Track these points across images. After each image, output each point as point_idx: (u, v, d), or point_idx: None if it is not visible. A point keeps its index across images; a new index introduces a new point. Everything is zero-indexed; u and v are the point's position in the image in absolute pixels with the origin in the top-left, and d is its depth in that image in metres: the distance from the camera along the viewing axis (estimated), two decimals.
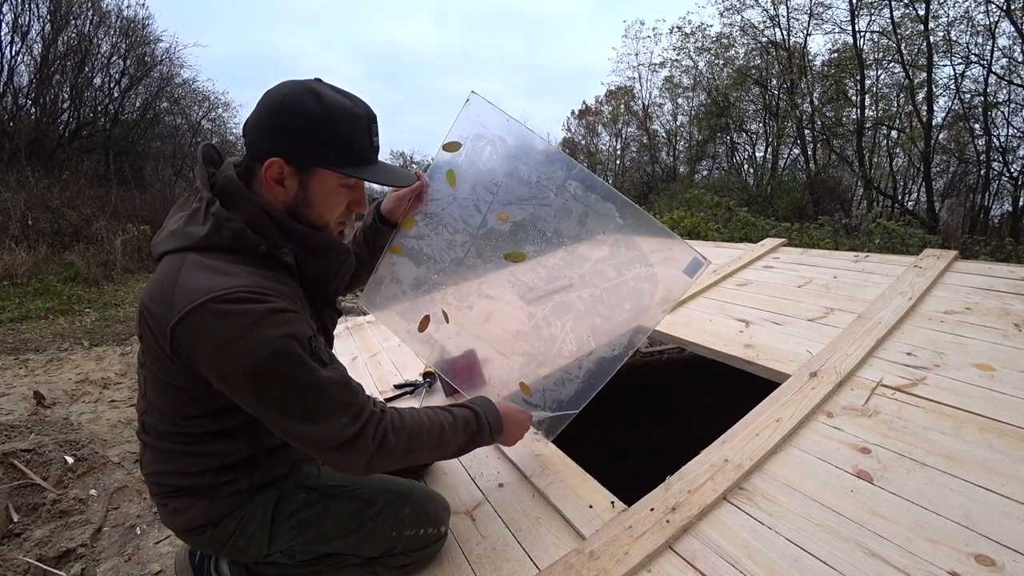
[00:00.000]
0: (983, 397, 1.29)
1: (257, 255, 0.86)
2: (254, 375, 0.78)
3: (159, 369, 0.87)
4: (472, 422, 1.05)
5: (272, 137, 0.86)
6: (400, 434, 0.91)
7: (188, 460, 0.94)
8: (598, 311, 1.25)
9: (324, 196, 0.91)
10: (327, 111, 0.85)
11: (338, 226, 0.99)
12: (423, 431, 0.95)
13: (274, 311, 0.79)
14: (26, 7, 10.20)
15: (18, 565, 1.63)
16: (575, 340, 1.27)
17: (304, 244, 0.93)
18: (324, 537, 1.02)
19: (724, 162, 18.98)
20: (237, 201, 0.87)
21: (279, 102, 0.86)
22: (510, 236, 1.26)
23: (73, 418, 2.73)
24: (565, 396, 1.27)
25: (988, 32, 11.29)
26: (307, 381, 0.81)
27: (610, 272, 1.24)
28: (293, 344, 0.79)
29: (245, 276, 0.81)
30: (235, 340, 0.76)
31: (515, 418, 1.16)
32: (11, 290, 6.07)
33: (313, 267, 0.95)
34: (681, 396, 3.26)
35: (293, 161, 0.87)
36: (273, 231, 0.88)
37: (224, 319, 0.76)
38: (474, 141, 1.26)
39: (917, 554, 0.90)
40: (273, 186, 0.88)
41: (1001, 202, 13.65)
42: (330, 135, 0.86)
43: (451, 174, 1.28)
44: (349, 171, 0.90)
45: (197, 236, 0.84)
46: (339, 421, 0.84)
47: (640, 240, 1.20)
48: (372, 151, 0.93)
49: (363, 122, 0.90)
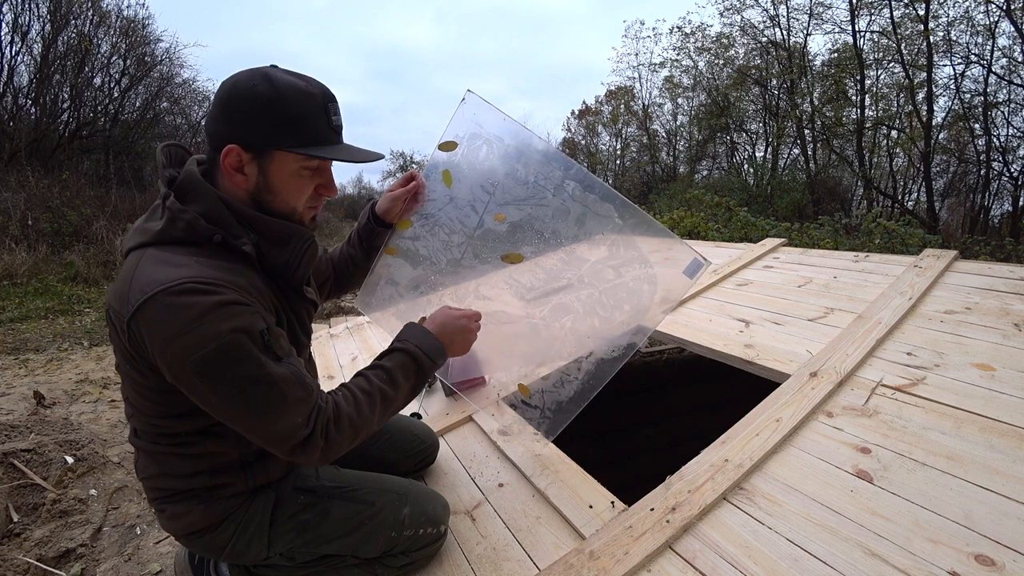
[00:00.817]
0: (983, 397, 1.29)
1: (213, 245, 0.85)
2: (202, 370, 0.76)
3: (130, 369, 0.86)
4: (409, 364, 1.01)
5: (226, 124, 0.85)
6: (340, 424, 0.89)
7: (178, 463, 0.93)
8: (597, 312, 1.25)
9: (285, 180, 0.89)
10: (278, 92, 0.83)
11: (308, 211, 0.96)
12: (362, 407, 0.92)
13: (222, 304, 0.77)
14: (26, 7, 10.21)
15: (18, 565, 1.63)
16: (574, 341, 1.26)
17: (265, 233, 0.90)
18: (324, 538, 1.02)
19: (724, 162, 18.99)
20: (195, 194, 0.86)
21: (230, 89, 0.85)
22: (507, 237, 1.26)
23: (73, 418, 2.73)
24: (564, 397, 1.26)
25: (988, 32, 11.29)
26: (258, 376, 0.79)
27: (609, 273, 1.23)
28: (242, 338, 0.78)
29: (196, 267, 0.79)
30: (182, 334, 0.75)
31: (453, 326, 1.09)
32: (11, 290, 6.07)
33: (276, 256, 0.92)
34: (681, 396, 3.26)
35: (249, 146, 0.85)
36: (230, 220, 0.87)
37: (171, 312, 0.75)
38: (470, 140, 1.25)
39: (917, 554, 0.90)
40: (234, 175, 0.87)
41: (1001, 202, 13.66)
42: (283, 116, 0.84)
43: (447, 174, 1.27)
44: (306, 151, 0.87)
45: (154, 231, 0.84)
46: (293, 420, 0.83)
47: (639, 240, 1.20)
48: (331, 130, 0.90)
49: (317, 101, 0.87)
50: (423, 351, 1.02)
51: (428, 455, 1.41)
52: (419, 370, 1.01)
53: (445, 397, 1.81)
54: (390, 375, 0.98)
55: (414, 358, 1.01)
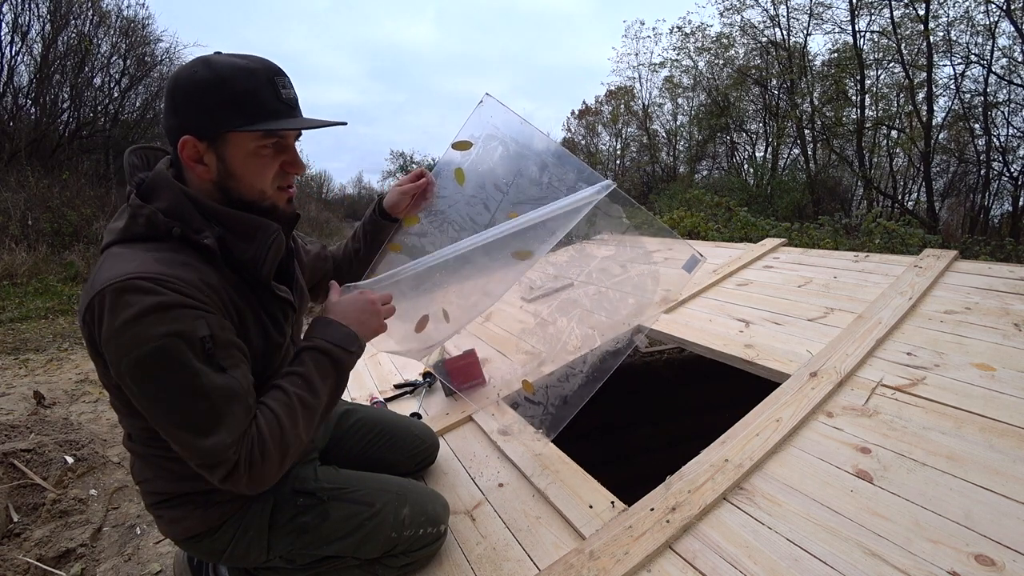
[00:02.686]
0: (983, 397, 1.29)
1: (173, 240, 0.84)
2: (134, 372, 0.75)
3: (102, 372, 0.85)
4: (322, 361, 0.93)
5: (175, 116, 0.84)
6: (266, 448, 0.82)
7: (171, 467, 0.92)
8: (603, 306, 1.28)
9: (244, 162, 0.87)
10: (217, 74, 0.82)
11: (279, 193, 0.93)
12: (284, 426, 0.85)
13: (163, 306, 0.74)
14: (26, 7, 10.20)
15: (18, 565, 1.63)
16: (580, 335, 1.29)
17: (229, 226, 0.88)
18: (324, 540, 1.02)
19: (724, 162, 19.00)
20: (159, 191, 0.86)
21: (173, 81, 0.84)
22: (519, 235, 1.27)
23: (73, 418, 2.73)
24: (568, 391, 1.28)
25: (988, 32, 11.30)
26: (190, 386, 0.76)
27: (615, 269, 1.27)
28: (178, 344, 0.75)
29: (146, 263, 0.78)
30: (120, 333, 0.74)
31: (354, 307, 1.02)
32: (11, 290, 6.07)
33: (242, 251, 0.88)
34: (681, 396, 3.26)
35: (202, 135, 0.84)
36: (191, 214, 0.85)
37: (113, 310, 0.74)
38: (486, 141, 1.28)
39: (917, 554, 0.90)
40: (194, 166, 0.86)
41: (1001, 202, 13.67)
42: (226, 97, 0.82)
43: (460, 172, 1.29)
44: (256, 127, 0.84)
45: (117, 229, 0.85)
46: (223, 440, 0.77)
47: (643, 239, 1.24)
48: (281, 103, 0.87)
49: (260, 76, 0.85)
50: (333, 343, 0.95)
51: (428, 455, 1.40)
52: (336, 364, 0.95)
53: (445, 397, 1.81)
54: (306, 380, 0.91)
55: (326, 353, 0.94)
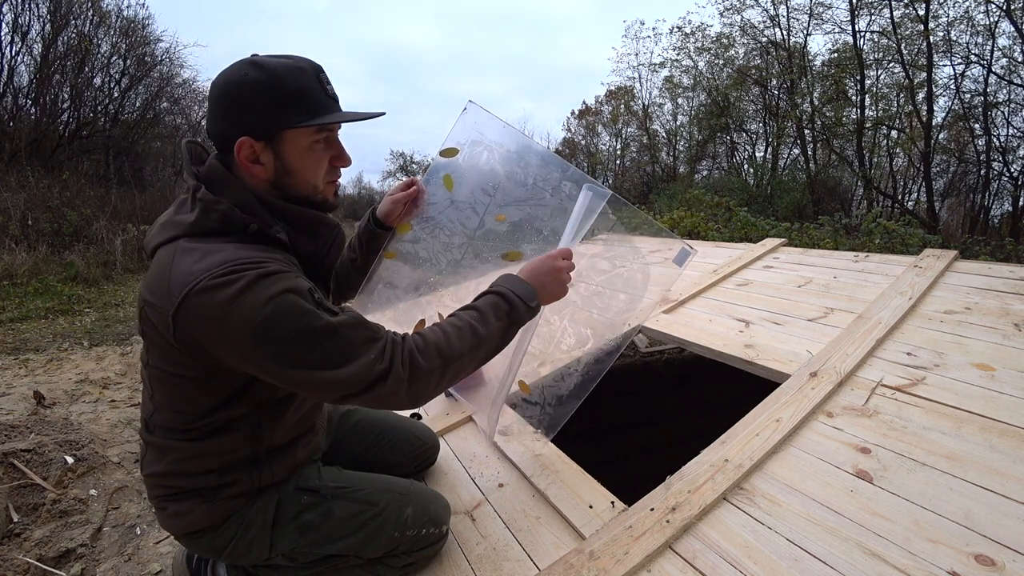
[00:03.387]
0: (983, 397, 1.29)
1: (248, 235, 0.86)
2: (264, 336, 0.77)
3: (166, 363, 0.87)
4: (501, 304, 0.97)
5: (228, 120, 0.86)
6: (427, 352, 0.87)
7: (191, 459, 0.93)
8: (596, 305, 1.29)
9: (301, 158, 0.90)
10: (270, 73, 0.84)
11: (329, 187, 0.98)
12: (451, 339, 0.90)
13: (266, 274, 0.78)
14: (26, 7, 10.22)
15: (18, 565, 1.63)
16: (574, 334, 1.30)
17: (294, 223, 0.92)
18: (327, 539, 1.02)
19: (724, 162, 19.00)
20: (223, 185, 0.87)
21: (222, 85, 0.86)
22: (507, 236, 1.29)
23: (73, 418, 2.73)
24: (564, 391, 1.29)
25: (988, 32, 11.30)
26: (319, 328, 0.79)
27: (605, 265, 1.28)
28: (293, 297, 0.79)
29: (233, 252, 0.80)
30: (235, 309, 0.76)
31: (541, 268, 1.05)
32: (11, 290, 6.07)
33: (306, 245, 0.95)
34: (681, 396, 3.26)
35: (259, 135, 0.86)
36: (262, 211, 0.88)
37: (219, 292, 0.76)
38: (471, 147, 1.29)
39: (917, 554, 0.90)
40: (251, 167, 0.88)
41: (1001, 202, 13.68)
42: (281, 95, 0.85)
43: (448, 179, 1.30)
44: (313, 122, 0.87)
45: (187, 223, 0.85)
46: (366, 359, 0.82)
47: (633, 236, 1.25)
48: (329, 99, 0.91)
49: (309, 74, 0.88)
50: (514, 292, 0.99)
51: (429, 456, 1.41)
52: (511, 311, 0.97)
53: (445, 397, 1.82)
54: (480, 312, 0.96)
55: (504, 298, 0.98)
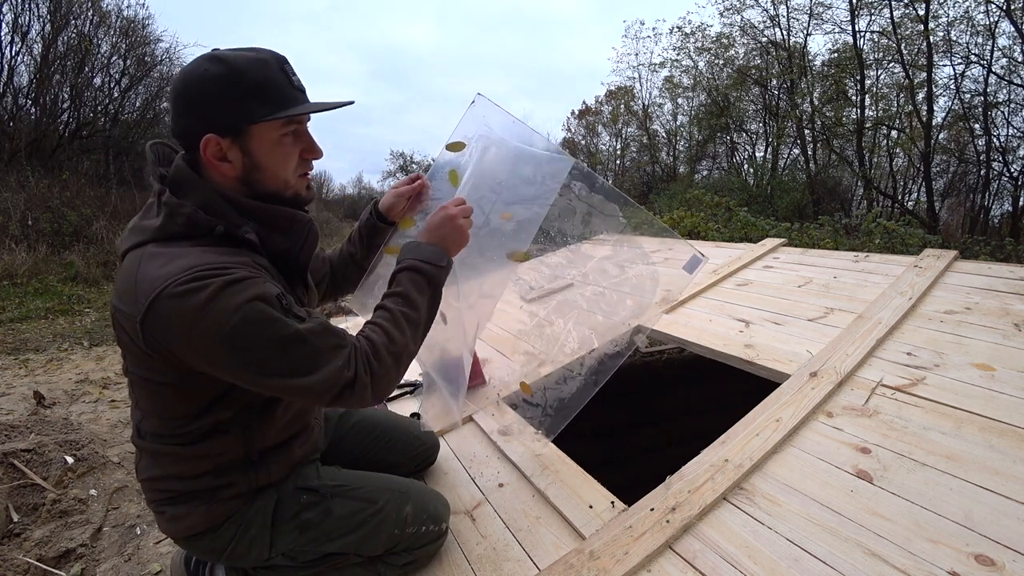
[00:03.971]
0: (983, 397, 1.29)
1: (215, 237, 0.85)
2: (232, 344, 0.77)
3: (142, 369, 0.86)
4: (416, 278, 1.00)
5: (191, 117, 0.84)
6: (379, 355, 0.89)
7: (184, 463, 0.93)
8: (600, 308, 1.26)
9: (270, 152, 0.88)
10: (231, 67, 0.82)
11: (301, 181, 0.96)
12: (393, 335, 0.93)
13: (233, 280, 0.78)
14: (26, 7, 10.20)
15: (18, 565, 1.63)
16: (577, 337, 1.28)
17: (265, 221, 0.91)
18: (327, 537, 1.02)
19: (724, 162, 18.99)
20: (189, 187, 0.85)
21: (183, 81, 0.84)
22: (513, 235, 1.26)
23: (73, 418, 2.73)
24: (567, 394, 1.27)
25: (988, 32, 11.29)
26: (287, 336, 0.80)
27: (613, 269, 1.26)
28: (261, 305, 0.78)
29: (198, 256, 0.80)
30: (203, 317, 0.75)
31: (440, 223, 1.06)
32: (11, 290, 6.07)
33: (279, 243, 0.93)
34: (681, 396, 3.25)
35: (224, 131, 0.84)
36: (229, 211, 0.87)
37: (187, 300, 0.75)
38: (478, 141, 1.25)
39: (917, 554, 0.90)
40: (218, 165, 0.86)
41: (1001, 202, 13.67)
42: (244, 89, 0.83)
43: (453, 174, 1.27)
44: (280, 114, 0.85)
45: (152, 228, 0.84)
46: (334, 366, 0.83)
47: (642, 239, 1.23)
48: (296, 90, 0.89)
49: (273, 65, 0.86)
50: (423, 260, 1.01)
51: (428, 456, 1.41)
52: (428, 280, 1.01)
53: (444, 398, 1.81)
54: (404, 296, 0.98)
55: (419, 271, 1.01)
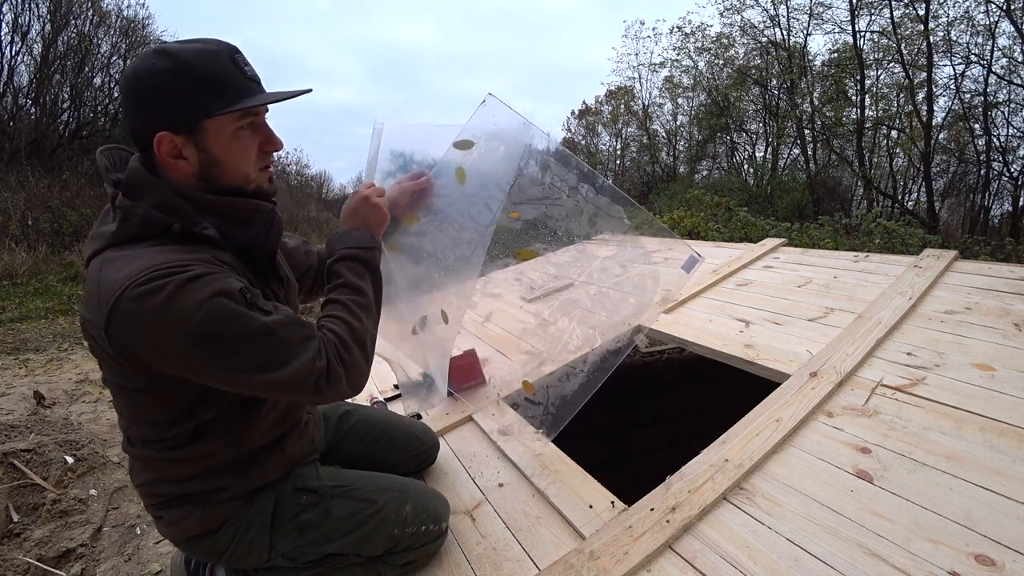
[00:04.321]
0: (983, 397, 1.29)
1: (173, 236, 0.82)
2: (197, 342, 0.75)
3: (116, 377, 0.85)
4: (354, 265, 1.00)
5: (144, 115, 0.81)
6: (347, 345, 0.89)
7: (173, 467, 0.93)
8: (604, 305, 1.29)
9: (227, 147, 0.85)
10: (178, 60, 0.79)
11: (262, 174, 0.93)
12: (352, 324, 0.92)
13: (192, 277, 0.75)
14: (26, 7, 10.20)
15: (18, 565, 1.63)
16: (581, 335, 1.30)
17: (226, 214, 0.88)
18: (326, 537, 1.02)
19: (724, 162, 18.99)
20: (143, 188, 0.83)
21: (130, 79, 0.81)
22: (521, 234, 1.29)
23: (73, 418, 2.73)
24: (569, 391, 1.29)
25: (988, 32, 11.29)
26: (253, 330, 0.78)
27: (616, 269, 1.28)
28: (223, 300, 0.76)
29: (155, 256, 0.78)
30: (165, 317, 0.73)
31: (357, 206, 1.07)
32: (11, 290, 6.07)
33: (241, 236, 0.89)
34: (681, 396, 3.25)
35: (178, 128, 0.81)
36: (186, 208, 0.84)
37: (146, 300, 0.73)
38: (488, 140, 1.25)
39: (917, 554, 0.90)
40: (175, 163, 0.83)
41: (1001, 202, 13.66)
42: (194, 82, 0.79)
43: (461, 171, 1.26)
44: (235, 107, 0.82)
45: (108, 233, 0.82)
46: (305, 357, 0.82)
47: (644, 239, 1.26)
48: (249, 81, 0.85)
49: (223, 56, 0.82)
50: (353, 247, 1.02)
51: (428, 455, 1.41)
52: (365, 263, 1.02)
53: (445, 397, 1.81)
54: (349, 285, 0.98)
55: (353, 259, 1.01)
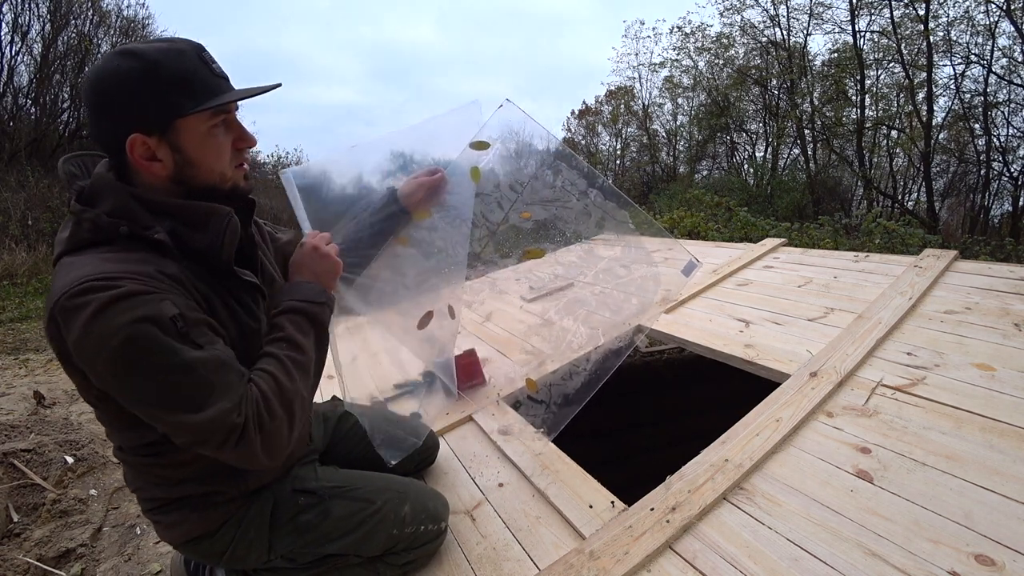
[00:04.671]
0: (983, 397, 1.29)
1: (123, 239, 0.80)
2: (113, 367, 0.73)
3: (77, 384, 0.83)
4: (298, 320, 0.93)
5: (111, 118, 0.79)
6: (270, 403, 0.82)
7: (163, 473, 0.92)
8: (607, 305, 1.34)
9: (201, 146, 0.83)
10: (145, 60, 0.77)
11: (237, 172, 0.91)
12: (282, 383, 0.85)
13: (121, 296, 0.72)
14: (26, 7, 10.20)
15: (18, 565, 1.63)
16: (585, 334, 1.35)
17: (180, 217, 0.85)
18: (326, 538, 1.02)
19: (724, 162, 18.98)
20: (103, 194, 0.81)
21: (95, 82, 0.78)
22: (531, 234, 1.35)
23: (73, 418, 2.73)
24: (571, 389, 1.31)
25: (988, 32, 11.29)
26: (174, 365, 0.74)
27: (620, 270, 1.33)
28: (149, 328, 0.72)
29: (97, 264, 0.75)
30: (87, 334, 0.71)
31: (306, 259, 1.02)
32: (11, 290, 6.07)
33: (199, 241, 0.85)
34: (681, 396, 3.26)
35: (150, 129, 0.79)
36: (138, 211, 0.81)
37: (74, 315, 0.72)
38: (504, 143, 1.33)
39: (917, 554, 0.90)
40: (149, 165, 0.81)
41: (1001, 202, 13.65)
42: (165, 81, 0.78)
43: (476, 171, 1.32)
44: (207, 105, 0.80)
45: (64, 239, 0.82)
46: (222, 406, 0.76)
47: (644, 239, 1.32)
48: (219, 78, 0.83)
49: (190, 54, 0.81)
50: (302, 300, 0.95)
51: (428, 455, 1.41)
52: (311, 319, 0.95)
53: (446, 396, 1.81)
54: (289, 340, 0.91)
55: (299, 312, 0.94)
